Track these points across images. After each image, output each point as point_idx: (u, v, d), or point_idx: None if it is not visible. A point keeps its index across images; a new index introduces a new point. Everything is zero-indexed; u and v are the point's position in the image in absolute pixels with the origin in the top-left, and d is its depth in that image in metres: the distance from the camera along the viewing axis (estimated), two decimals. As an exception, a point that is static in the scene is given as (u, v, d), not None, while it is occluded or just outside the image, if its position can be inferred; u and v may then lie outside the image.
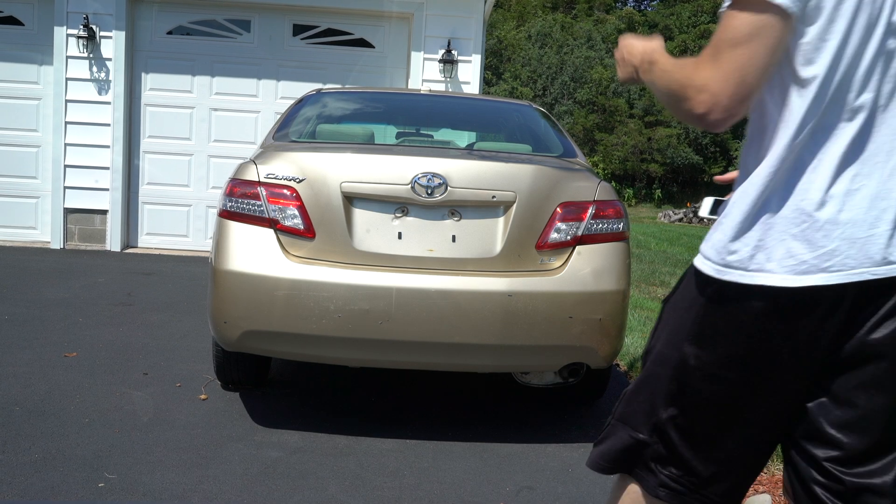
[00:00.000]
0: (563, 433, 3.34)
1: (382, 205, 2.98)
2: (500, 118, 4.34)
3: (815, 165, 1.30)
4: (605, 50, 28.06)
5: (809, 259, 1.29)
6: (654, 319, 5.80)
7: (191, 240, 8.05)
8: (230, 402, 3.49)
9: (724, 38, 1.26)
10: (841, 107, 1.29)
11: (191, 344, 4.41)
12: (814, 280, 1.29)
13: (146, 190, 8.02)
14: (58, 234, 7.82)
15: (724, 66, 1.25)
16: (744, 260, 1.32)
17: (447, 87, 7.71)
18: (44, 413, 3.20)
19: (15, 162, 7.89)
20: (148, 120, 7.97)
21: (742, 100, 1.26)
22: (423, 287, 2.87)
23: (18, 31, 7.84)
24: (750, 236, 1.32)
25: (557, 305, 2.93)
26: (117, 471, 2.69)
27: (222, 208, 3.09)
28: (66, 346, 4.22)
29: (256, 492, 2.60)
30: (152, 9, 7.89)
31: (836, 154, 1.29)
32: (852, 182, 1.30)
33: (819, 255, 1.29)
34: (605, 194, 3.11)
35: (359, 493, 2.64)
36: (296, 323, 2.89)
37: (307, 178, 2.97)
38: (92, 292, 5.69)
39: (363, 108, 4.30)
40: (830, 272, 1.29)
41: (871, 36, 1.28)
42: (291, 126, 3.67)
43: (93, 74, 7.69)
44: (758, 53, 1.24)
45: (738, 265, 1.33)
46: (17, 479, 2.58)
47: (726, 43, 1.26)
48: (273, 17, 7.98)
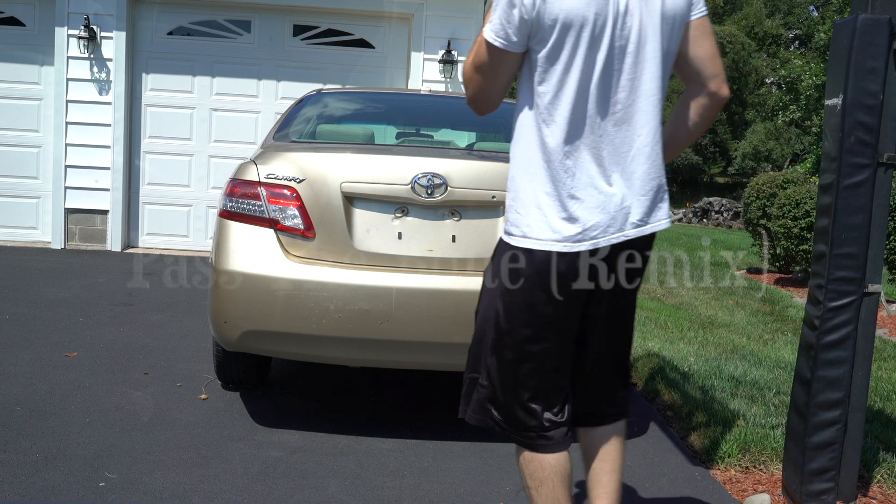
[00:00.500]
0: (562, 433, 3.34)
1: (382, 205, 2.98)
2: (500, 118, 4.33)
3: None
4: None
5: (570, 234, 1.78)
6: (654, 319, 5.80)
7: (191, 240, 8.06)
8: (230, 401, 3.50)
9: (476, 59, 1.80)
10: (581, 115, 1.74)
11: (191, 344, 4.42)
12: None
13: (147, 190, 8.03)
14: (58, 235, 7.83)
15: (470, 84, 1.84)
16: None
17: (447, 87, 7.72)
18: (44, 413, 3.21)
19: (16, 162, 7.90)
20: (148, 120, 7.97)
21: (484, 100, 1.88)
22: (423, 287, 2.88)
23: (19, 31, 7.85)
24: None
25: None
26: (118, 470, 2.70)
27: (222, 208, 3.10)
28: (67, 345, 4.23)
29: (256, 491, 2.61)
30: (153, 9, 7.90)
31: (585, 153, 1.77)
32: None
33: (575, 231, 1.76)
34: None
35: (359, 493, 2.64)
36: (296, 323, 2.89)
37: (307, 178, 2.98)
38: (92, 292, 5.70)
39: (363, 109, 4.31)
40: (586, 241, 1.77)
41: (594, 59, 1.71)
42: (292, 126, 3.68)
43: (93, 75, 7.70)
44: (495, 72, 1.79)
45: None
46: (18, 479, 2.58)
47: (475, 59, 1.80)
48: (273, 18, 7.99)
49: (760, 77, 28.42)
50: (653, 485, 2.86)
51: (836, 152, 2.50)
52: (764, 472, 3.00)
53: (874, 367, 4.58)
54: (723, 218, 19.14)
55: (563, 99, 1.73)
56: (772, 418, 3.47)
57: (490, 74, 1.79)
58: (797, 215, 7.77)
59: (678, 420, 3.55)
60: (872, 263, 2.54)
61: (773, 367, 4.50)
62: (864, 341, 2.58)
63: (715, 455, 3.10)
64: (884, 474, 2.92)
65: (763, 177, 8.92)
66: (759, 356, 4.82)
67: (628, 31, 1.73)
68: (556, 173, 1.75)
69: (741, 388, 4.00)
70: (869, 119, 2.46)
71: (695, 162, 26.11)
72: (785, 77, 19.65)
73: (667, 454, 3.17)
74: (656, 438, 3.35)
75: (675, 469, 3.02)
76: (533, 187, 1.77)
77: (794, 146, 24.54)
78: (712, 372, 4.27)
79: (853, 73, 2.44)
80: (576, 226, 1.75)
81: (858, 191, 2.48)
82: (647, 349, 4.79)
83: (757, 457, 3.07)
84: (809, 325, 2.60)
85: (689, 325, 5.72)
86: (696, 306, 6.67)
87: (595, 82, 1.73)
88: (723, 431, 3.26)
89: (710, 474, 2.98)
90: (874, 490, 2.86)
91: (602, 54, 1.71)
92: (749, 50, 27.38)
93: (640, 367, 4.41)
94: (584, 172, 1.75)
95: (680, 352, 4.79)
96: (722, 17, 30.21)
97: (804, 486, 2.60)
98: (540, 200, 1.76)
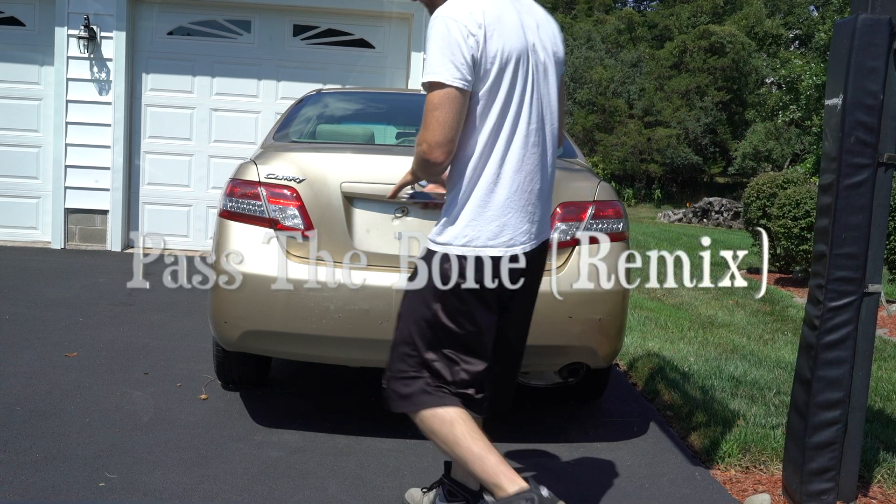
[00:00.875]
0: (562, 433, 3.34)
1: (382, 205, 2.98)
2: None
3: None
4: (604, 50, 28.05)
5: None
6: (653, 319, 5.80)
7: (191, 240, 8.06)
8: (230, 402, 3.49)
9: (427, 107, 1.95)
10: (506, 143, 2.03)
11: (191, 344, 4.42)
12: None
13: (147, 190, 8.03)
14: (58, 234, 7.83)
15: (429, 125, 1.95)
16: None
17: (447, 87, 7.70)
18: (44, 413, 3.21)
19: (16, 162, 7.89)
20: (148, 120, 7.97)
21: (444, 142, 1.95)
22: (423, 287, 2.87)
23: (19, 31, 7.84)
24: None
25: (557, 305, 2.93)
26: (118, 470, 2.70)
27: (222, 208, 3.10)
28: (67, 345, 4.23)
29: (257, 492, 2.61)
30: (153, 9, 7.90)
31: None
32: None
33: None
34: (605, 194, 3.11)
35: (359, 493, 2.64)
36: (296, 323, 2.90)
37: (307, 178, 2.98)
38: (92, 292, 5.70)
39: (363, 109, 4.30)
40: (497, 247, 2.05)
41: (524, 88, 2.03)
42: (291, 126, 3.68)
43: (93, 75, 7.70)
44: (449, 112, 1.94)
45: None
46: (18, 479, 2.58)
47: (428, 109, 1.95)
48: (273, 18, 7.99)
49: (760, 77, 28.40)
50: (653, 485, 2.86)
51: (836, 152, 2.50)
52: (764, 472, 3.00)
53: (874, 367, 4.58)
54: (723, 218, 19.14)
55: (499, 126, 2.02)
56: (772, 418, 3.47)
57: (459, 120, 1.96)
58: (797, 215, 7.77)
59: (678, 420, 3.55)
60: (872, 263, 2.54)
61: (773, 367, 4.50)
62: (864, 341, 2.58)
63: (715, 455, 3.10)
64: (884, 474, 2.92)
65: (763, 177, 8.92)
66: (760, 356, 4.82)
67: (542, 65, 2.10)
68: (489, 188, 2.02)
69: (741, 388, 4.00)
70: (869, 119, 2.46)
71: (695, 162, 26.08)
72: (785, 77, 19.64)
73: (667, 454, 3.17)
74: (656, 438, 3.35)
75: (676, 469, 3.02)
76: (467, 201, 2.04)
77: (794, 146, 24.53)
78: (712, 372, 4.27)
79: (853, 72, 2.44)
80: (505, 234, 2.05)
81: (858, 191, 2.48)
82: (647, 349, 4.79)
83: (757, 457, 3.07)
84: (809, 325, 2.59)
85: (689, 325, 5.73)
86: (695, 306, 6.67)
87: (525, 109, 2.05)
88: (723, 431, 3.26)
89: (711, 474, 2.98)
90: (874, 490, 2.86)
91: (529, 85, 2.05)
92: (749, 50, 27.36)
93: (640, 367, 4.41)
94: (511, 189, 2.04)
95: (680, 352, 4.79)
96: (722, 17, 30.20)
97: (804, 486, 2.60)
98: (475, 214, 2.03)
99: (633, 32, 30.46)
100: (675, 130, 25.85)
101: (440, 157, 1.96)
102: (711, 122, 26.49)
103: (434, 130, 1.94)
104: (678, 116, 26.11)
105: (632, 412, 3.68)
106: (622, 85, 27.26)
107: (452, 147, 1.97)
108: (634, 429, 3.44)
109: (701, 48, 27.05)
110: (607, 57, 27.78)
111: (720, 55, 26.94)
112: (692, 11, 30.49)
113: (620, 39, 29.71)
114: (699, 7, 30.39)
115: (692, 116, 26.16)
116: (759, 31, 29.84)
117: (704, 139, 26.55)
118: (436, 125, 1.93)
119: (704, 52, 27.02)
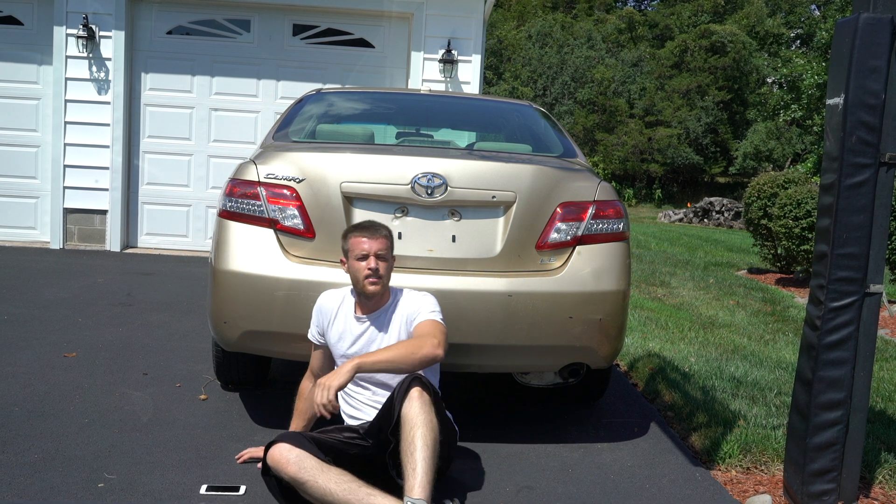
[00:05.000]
0: (563, 433, 3.34)
1: (382, 205, 2.97)
2: (501, 118, 4.33)
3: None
4: (605, 50, 28.05)
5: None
6: (654, 319, 5.79)
7: (190, 240, 8.06)
8: (230, 402, 3.49)
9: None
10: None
11: (190, 344, 4.41)
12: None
13: (146, 190, 8.02)
14: (57, 234, 7.82)
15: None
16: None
17: (447, 87, 7.71)
18: (43, 413, 3.20)
19: (14, 162, 7.89)
20: (147, 120, 7.97)
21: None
22: (423, 287, 2.87)
23: (18, 30, 7.84)
24: None
25: (557, 305, 2.92)
26: (117, 471, 2.69)
27: (222, 208, 3.09)
28: (66, 346, 4.22)
29: (256, 492, 2.60)
30: (152, 9, 7.89)
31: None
32: None
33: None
34: (606, 194, 3.10)
35: (358, 494, 2.63)
36: (296, 323, 2.89)
37: (307, 178, 2.97)
38: (91, 292, 5.69)
39: (363, 108, 4.29)
40: None
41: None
42: (291, 126, 3.67)
43: (92, 74, 7.69)
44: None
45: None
46: (17, 480, 2.58)
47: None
48: (273, 17, 7.98)
49: (761, 76, 28.41)
50: (653, 485, 2.85)
51: (837, 152, 2.49)
52: (765, 473, 2.99)
53: (875, 368, 4.57)
54: (724, 218, 19.14)
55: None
56: (773, 419, 3.46)
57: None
58: (798, 215, 7.76)
59: (679, 420, 3.54)
60: (874, 263, 2.54)
61: (774, 368, 4.49)
62: (865, 342, 2.57)
63: (716, 456, 3.09)
64: (885, 475, 2.91)
65: (764, 176, 8.91)
66: (760, 356, 4.81)
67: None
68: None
69: (742, 388, 3.99)
70: (871, 118, 2.45)
71: (695, 162, 26.09)
72: (786, 76, 19.65)
73: (667, 455, 3.16)
74: (657, 439, 3.34)
75: (676, 470, 3.01)
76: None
77: (796, 146, 24.54)
78: (713, 372, 4.27)
79: (855, 72, 2.43)
80: None
81: (860, 190, 2.47)
82: (648, 349, 4.78)
83: (758, 457, 3.06)
84: (811, 326, 2.59)
85: (690, 326, 5.72)
86: (696, 306, 6.67)
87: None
88: (724, 432, 3.25)
89: (711, 475, 2.97)
90: (876, 491, 2.85)
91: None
92: (750, 49, 27.37)
93: (640, 367, 4.40)
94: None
95: (681, 352, 4.78)
96: (723, 17, 30.20)
97: (805, 487, 2.59)
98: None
99: (633, 32, 30.46)
100: (676, 130, 25.85)
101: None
102: (712, 121, 26.50)
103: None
104: (679, 116, 26.12)
105: (632, 412, 3.68)
106: (623, 84, 27.26)
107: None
108: (635, 429, 3.43)
109: (702, 47, 27.05)
110: (608, 56, 27.78)
111: (721, 54, 26.95)
112: (693, 11, 30.48)
113: (621, 39, 29.72)
114: (700, 6, 30.39)
115: (693, 116, 26.17)
116: (760, 30, 29.85)
117: (705, 139, 26.55)
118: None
119: (705, 51, 27.03)
